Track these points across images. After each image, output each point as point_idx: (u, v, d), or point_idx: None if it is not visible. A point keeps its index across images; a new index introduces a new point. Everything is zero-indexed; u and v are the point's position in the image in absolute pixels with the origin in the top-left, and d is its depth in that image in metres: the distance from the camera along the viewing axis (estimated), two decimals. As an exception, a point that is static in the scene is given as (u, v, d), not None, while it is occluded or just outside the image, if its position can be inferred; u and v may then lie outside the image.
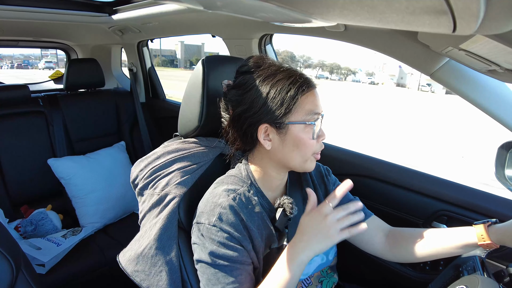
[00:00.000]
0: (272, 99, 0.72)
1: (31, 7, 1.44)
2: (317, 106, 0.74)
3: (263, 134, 0.74)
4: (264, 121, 0.73)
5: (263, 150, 0.77)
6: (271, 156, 0.77)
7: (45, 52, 30.40)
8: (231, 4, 0.58)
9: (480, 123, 11.03)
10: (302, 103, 0.72)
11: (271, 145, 0.75)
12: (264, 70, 0.74)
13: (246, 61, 0.78)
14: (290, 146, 0.74)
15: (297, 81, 0.72)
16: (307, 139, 0.73)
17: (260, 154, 0.79)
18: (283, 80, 0.72)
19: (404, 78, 52.00)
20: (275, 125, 0.73)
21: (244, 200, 0.75)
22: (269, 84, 0.72)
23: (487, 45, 0.45)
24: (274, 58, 1.52)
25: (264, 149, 0.76)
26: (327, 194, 0.91)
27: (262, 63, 0.76)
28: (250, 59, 0.78)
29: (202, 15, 1.26)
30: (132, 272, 0.84)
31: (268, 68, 0.74)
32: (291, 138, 0.73)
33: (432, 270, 1.06)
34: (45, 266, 1.42)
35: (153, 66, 2.41)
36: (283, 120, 0.72)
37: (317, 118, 0.73)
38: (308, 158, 0.76)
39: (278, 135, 0.74)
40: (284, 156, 0.75)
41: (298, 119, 0.72)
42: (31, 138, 1.85)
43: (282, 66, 0.76)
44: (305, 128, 0.73)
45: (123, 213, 1.94)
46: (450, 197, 1.01)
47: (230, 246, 0.70)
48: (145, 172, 0.90)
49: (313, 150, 0.75)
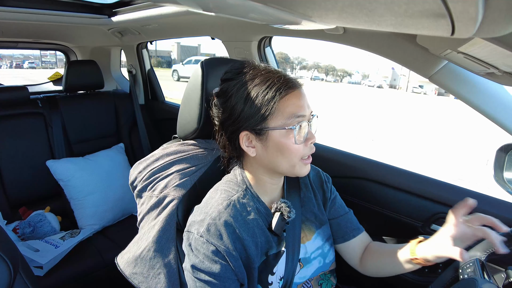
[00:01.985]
0: (249, 106, 0.70)
1: (31, 9, 1.44)
2: (300, 108, 0.70)
3: (245, 141, 0.73)
4: (243, 128, 0.72)
5: (251, 156, 0.75)
6: (259, 162, 0.76)
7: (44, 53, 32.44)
8: (230, 7, 0.59)
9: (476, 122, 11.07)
10: (281, 106, 0.69)
11: (255, 152, 0.74)
12: (243, 76, 0.72)
13: (230, 68, 0.76)
14: (273, 152, 0.71)
15: (274, 84, 0.69)
16: (289, 144, 0.70)
17: (249, 160, 0.78)
18: (260, 84, 0.70)
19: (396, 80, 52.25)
20: (254, 132, 0.71)
21: (239, 207, 0.74)
22: (246, 90, 0.70)
23: (485, 48, 0.45)
24: (273, 60, 1.53)
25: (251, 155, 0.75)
26: (325, 201, 0.91)
27: (243, 68, 0.74)
28: (235, 65, 0.77)
29: (201, 17, 1.26)
30: (130, 274, 0.84)
31: (248, 73, 0.72)
32: (273, 144, 0.71)
33: (431, 272, 1.06)
34: (43, 268, 1.41)
35: (152, 68, 2.42)
36: (262, 126, 0.70)
37: (300, 121, 0.70)
38: (296, 163, 0.72)
39: (260, 141, 0.72)
40: (270, 162, 0.74)
41: (277, 124, 0.69)
42: (29, 139, 1.85)
43: (262, 69, 0.73)
44: (286, 133, 0.69)
45: (121, 215, 1.93)
46: (448, 199, 1.01)
47: (214, 260, 0.68)
48: (143, 174, 0.90)
49: (299, 154, 0.72)
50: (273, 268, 0.77)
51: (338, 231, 0.91)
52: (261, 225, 0.76)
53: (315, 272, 0.85)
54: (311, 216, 0.88)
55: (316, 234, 0.87)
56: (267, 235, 0.77)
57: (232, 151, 0.79)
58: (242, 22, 1.26)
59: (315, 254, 0.85)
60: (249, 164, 0.79)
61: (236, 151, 0.78)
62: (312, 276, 0.84)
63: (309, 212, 0.87)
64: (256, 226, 0.75)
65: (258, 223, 0.76)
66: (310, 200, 0.89)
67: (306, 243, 0.84)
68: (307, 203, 0.88)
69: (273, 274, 0.77)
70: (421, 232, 1.05)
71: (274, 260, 0.77)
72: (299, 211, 0.84)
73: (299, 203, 0.85)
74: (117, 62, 2.63)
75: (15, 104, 1.83)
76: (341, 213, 0.92)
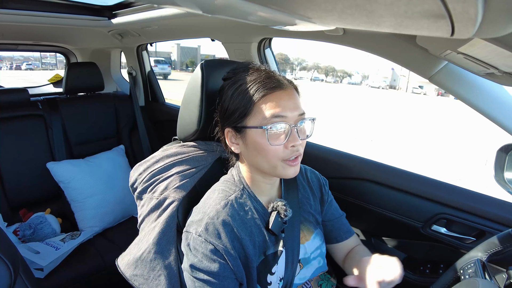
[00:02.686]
0: (232, 103, 0.72)
1: (31, 11, 1.44)
2: (280, 108, 0.68)
3: (231, 138, 0.75)
4: (226, 125, 0.74)
5: (241, 155, 0.77)
6: (247, 161, 0.77)
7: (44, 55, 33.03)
8: (230, 9, 0.59)
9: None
10: (260, 106, 0.69)
11: (239, 149, 0.76)
12: (238, 75, 0.74)
13: (231, 68, 0.78)
14: (252, 151, 0.72)
15: (256, 83, 0.70)
16: (265, 144, 0.69)
17: (242, 159, 0.79)
18: (245, 83, 0.71)
19: (396, 81, 52.34)
20: (235, 129, 0.73)
21: (236, 206, 0.74)
22: (233, 88, 0.72)
23: (485, 48, 0.45)
24: (273, 62, 1.53)
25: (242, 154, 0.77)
26: (322, 204, 0.92)
27: (241, 68, 0.76)
28: (236, 65, 0.78)
29: (201, 19, 1.27)
30: (131, 276, 0.84)
31: (242, 72, 0.74)
32: (251, 143, 0.71)
33: (432, 273, 1.06)
34: (43, 270, 1.41)
35: (152, 70, 2.42)
36: (241, 124, 0.71)
37: (278, 121, 0.68)
38: (277, 164, 0.71)
39: (241, 139, 0.73)
40: (252, 161, 0.75)
41: (254, 123, 0.69)
42: (30, 141, 1.85)
43: (254, 69, 0.74)
44: (262, 132, 0.69)
45: (122, 217, 1.93)
46: (449, 200, 1.01)
47: (212, 259, 0.68)
48: (144, 176, 0.90)
49: (277, 156, 0.70)
50: (272, 268, 0.77)
51: (332, 232, 0.92)
52: (258, 225, 0.76)
53: (315, 273, 0.85)
54: (310, 217, 0.88)
55: (314, 234, 0.87)
56: (264, 234, 0.77)
57: (226, 148, 0.81)
58: (242, 24, 1.27)
59: (314, 254, 0.85)
60: (243, 163, 0.80)
61: (227, 148, 0.80)
62: (311, 277, 0.84)
63: (307, 213, 0.88)
64: (253, 225, 0.75)
65: (256, 222, 0.76)
66: (308, 200, 0.89)
67: (305, 244, 0.84)
68: (305, 203, 0.88)
69: (272, 274, 0.77)
70: (422, 233, 1.05)
71: (272, 260, 0.77)
72: (297, 211, 0.84)
73: (297, 204, 0.85)
74: (117, 64, 2.63)
75: (16, 106, 1.84)
76: (336, 215, 0.94)
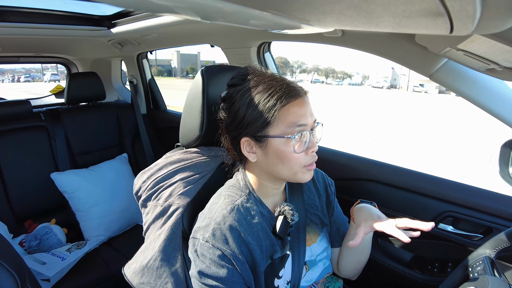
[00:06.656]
0: (251, 112, 0.70)
1: (31, 23, 1.46)
2: (302, 117, 0.69)
3: (247, 147, 0.74)
4: (244, 134, 0.72)
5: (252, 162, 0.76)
6: (260, 168, 0.76)
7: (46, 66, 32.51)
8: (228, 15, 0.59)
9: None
10: (282, 115, 0.68)
11: (256, 158, 0.74)
12: (248, 82, 0.73)
13: (237, 73, 0.77)
14: (273, 159, 0.72)
15: (276, 92, 0.69)
16: (289, 152, 0.69)
17: (251, 165, 0.78)
18: (262, 92, 0.70)
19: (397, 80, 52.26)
20: (255, 139, 0.72)
21: (243, 211, 0.74)
22: (249, 97, 0.70)
23: (484, 44, 0.45)
24: (273, 66, 1.54)
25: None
26: (329, 204, 0.92)
27: (249, 74, 0.74)
28: (241, 71, 0.77)
29: (200, 25, 1.27)
30: (137, 284, 0.84)
31: (252, 79, 0.73)
32: (273, 152, 0.71)
33: (440, 272, 1.05)
34: (50, 281, 1.41)
35: (153, 78, 2.43)
36: (262, 133, 0.70)
37: (301, 130, 0.69)
38: (298, 171, 0.72)
39: (260, 148, 0.72)
40: (271, 169, 0.74)
41: (277, 132, 0.69)
42: (33, 152, 1.86)
43: (267, 76, 0.73)
44: (286, 141, 0.69)
45: (127, 225, 1.93)
46: (455, 197, 1.00)
47: (220, 265, 0.68)
48: (148, 183, 0.90)
49: (300, 163, 0.71)
50: (279, 272, 0.76)
51: (337, 235, 0.92)
52: (265, 229, 0.76)
53: (321, 275, 0.85)
54: (316, 219, 0.87)
55: (321, 236, 0.87)
56: (271, 238, 0.77)
57: (235, 155, 0.79)
58: (241, 29, 1.27)
59: (320, 257, 0.85)
60: (251, 169, 0.79)
61: (238, 155, 0.79)
62: (318, 279, 0.84)
63: (313, 215, 0.87)
64: (260, 230, 0.75)
65: (263, 226, 0.76)
66: (314, 202, 0.89)
67: (311, 246, 0.84)
68: (311, 205, 0.88)
69: (280, 278, 0.76)
70: (429, 232, 1.04)
71: (279, 264, 0.77)
72: (303, 214, 0.83)
73: (302, 206, 0.85)
74: (118, 73, 2.65)
75: (18, 118, 1.85)
76: (342, 219, 0.94)
